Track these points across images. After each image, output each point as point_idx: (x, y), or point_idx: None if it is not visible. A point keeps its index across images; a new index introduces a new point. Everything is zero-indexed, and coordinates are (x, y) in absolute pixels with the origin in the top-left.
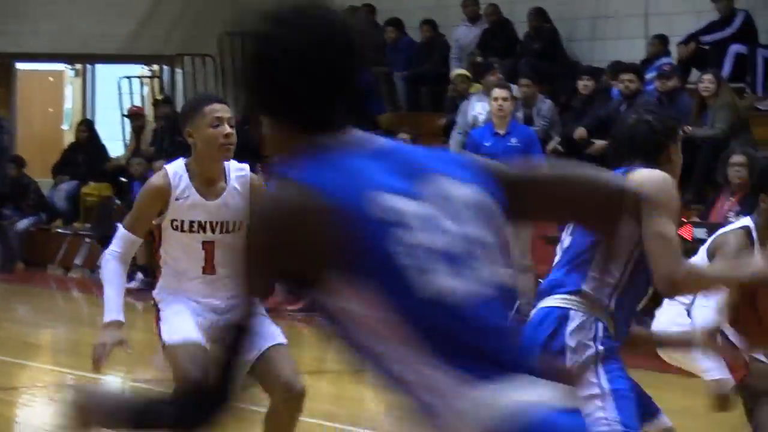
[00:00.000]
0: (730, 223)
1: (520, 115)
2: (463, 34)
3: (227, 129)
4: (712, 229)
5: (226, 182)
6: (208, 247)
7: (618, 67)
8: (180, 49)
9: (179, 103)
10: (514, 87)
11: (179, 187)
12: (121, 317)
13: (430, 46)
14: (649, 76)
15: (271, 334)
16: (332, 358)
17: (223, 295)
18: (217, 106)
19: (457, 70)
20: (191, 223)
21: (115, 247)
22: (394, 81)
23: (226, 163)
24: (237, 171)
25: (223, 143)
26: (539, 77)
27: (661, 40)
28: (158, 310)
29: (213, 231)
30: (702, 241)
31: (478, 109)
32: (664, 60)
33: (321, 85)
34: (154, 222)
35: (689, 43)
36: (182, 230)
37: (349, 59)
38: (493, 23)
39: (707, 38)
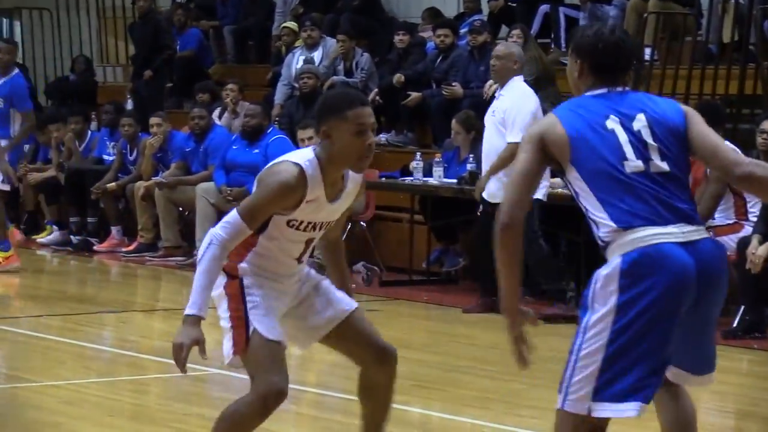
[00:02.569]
0: None
1: (340, 68)
2: None
3: (371, 138)
4: None
5: (344, 182)
6: (309, 242)
7: (435, 23)
8: (17, 2)
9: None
10: (332, 40)
11: (313, 190)
12: (203, 313)
13: (256, 2)
14: (462, 31)
15: (343, 298)
16: (164, 298)
17: (296, 281)
18: (363, 110)
19: (287, 23)
20: (308, 224)
21: (222, 231)
22: (224, 35)
23: None
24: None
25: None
26: (358, 32)
27: None
28: (242, 287)
29: (320, 230)
30: None
31: (301, 62)
32: (476, 16)
33: None
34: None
35: (499, 0)
36: (296, 228)
37: None
38: None
39: None
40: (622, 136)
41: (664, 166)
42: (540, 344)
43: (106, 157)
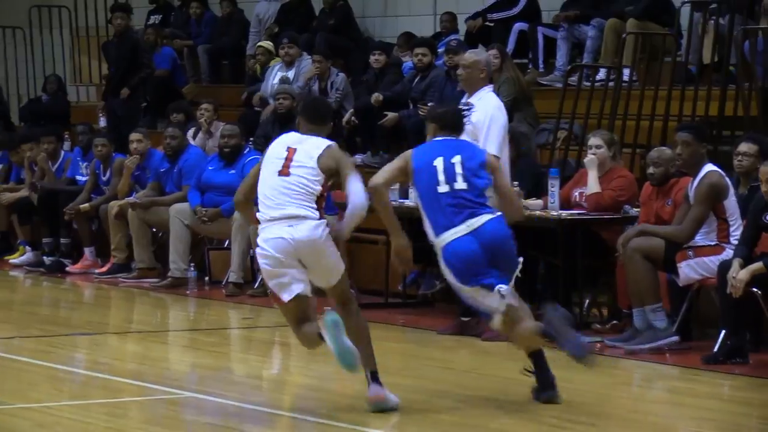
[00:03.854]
0: None
1: (315, 87)
2: (262, 9)
3: None
4: None
5: None
6: None
7: (413, 42)
8: None
9: None
10: (308, 58)
11: None
12: None
13: (230, 21)
14: (440, 51)
15: None
16: (138, 320)
17: None
18: None
19: (262, 42)
20: None
21: None
22: (198, 54)
23: None
24: None
25: None
26: (333, 51)
27: (451, 17)
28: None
29: None
30: None
31: (276, 80)
32: (453, 36)
33: None
34: None
35: (477, 19)
36: None
37: None
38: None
39: (494, 16)
40: (440, 168)
41: (464, 185)
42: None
43: (79, 177)
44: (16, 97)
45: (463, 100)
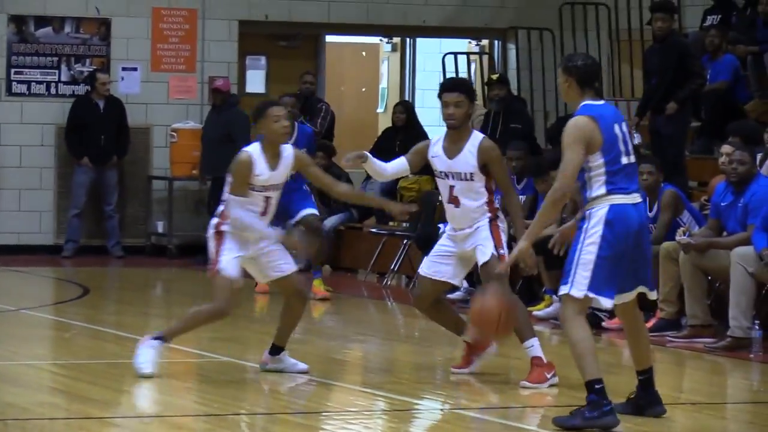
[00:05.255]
0: None
1: None
2: None
3: None
4: None
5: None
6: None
7: None
8: (513, 22)
9: (513, 83)
10: None
11: None
12: None
13: None
14: None
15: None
16: (689, 388)
17: None
18: None
19: None
20: None
21: None
22: (765, 63)
23: None
24: None
25: None
26: None
27: None
28: None
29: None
30: None
31: None
32: None
33: None
34: None
35: None
36: None
37: None
38: None
39: None
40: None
41: None
42: None
43: None
44: (541, 114)
45: None
